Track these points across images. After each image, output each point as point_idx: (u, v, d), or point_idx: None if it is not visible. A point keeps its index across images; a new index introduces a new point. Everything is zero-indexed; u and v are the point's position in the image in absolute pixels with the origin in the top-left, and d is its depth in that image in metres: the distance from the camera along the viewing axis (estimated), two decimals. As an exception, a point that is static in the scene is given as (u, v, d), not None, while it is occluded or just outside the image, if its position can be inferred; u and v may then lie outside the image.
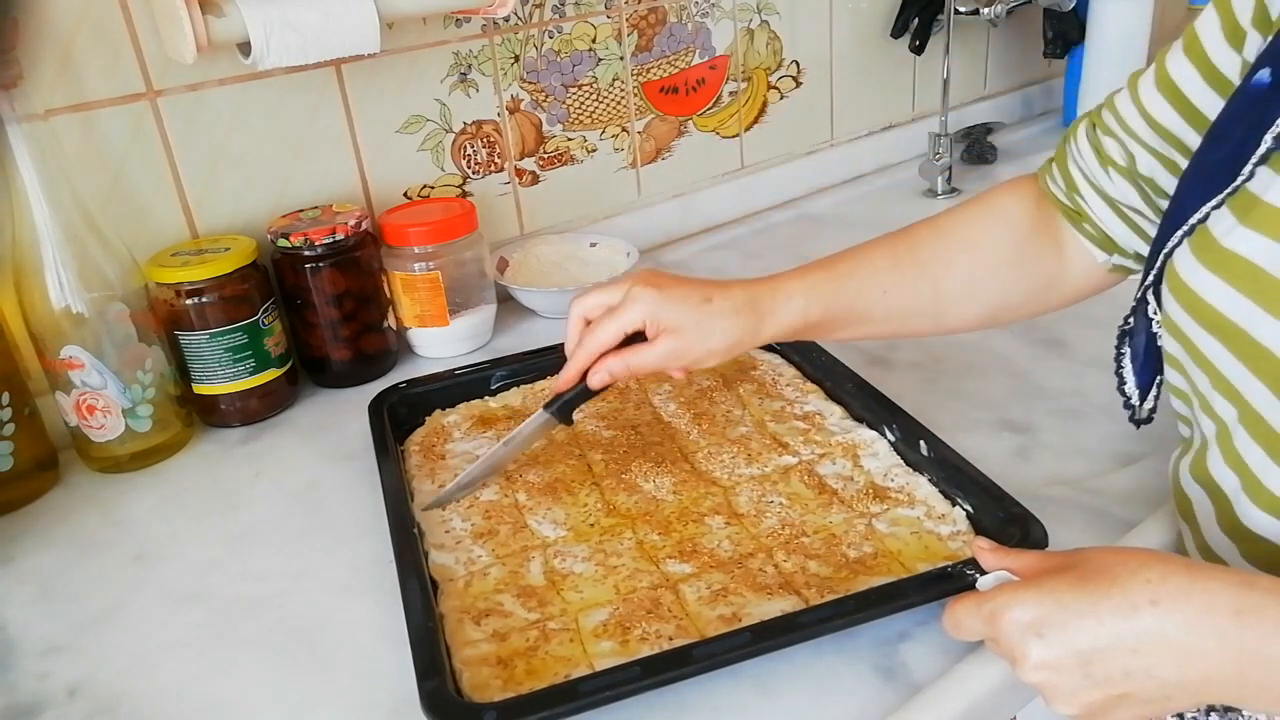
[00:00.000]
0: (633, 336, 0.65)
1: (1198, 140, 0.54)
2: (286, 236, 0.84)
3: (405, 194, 0.99)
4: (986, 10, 1.29)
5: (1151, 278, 0.55)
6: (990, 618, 0.47)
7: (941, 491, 0.66)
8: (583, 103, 1.09)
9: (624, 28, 1.09)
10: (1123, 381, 0.61)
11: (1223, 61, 0.53)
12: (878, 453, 0.70)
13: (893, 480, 0.68)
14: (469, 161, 1.03)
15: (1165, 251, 0.53)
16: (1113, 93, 0.62)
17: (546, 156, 1.08)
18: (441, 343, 0.94)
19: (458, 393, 0.83)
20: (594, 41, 1.07)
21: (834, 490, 0.67)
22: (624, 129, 1.13)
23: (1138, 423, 0.62)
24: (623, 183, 1.15)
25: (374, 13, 0.80)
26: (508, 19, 1.00)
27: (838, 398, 0.78)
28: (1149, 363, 0.58)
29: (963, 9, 1.28)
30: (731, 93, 1.21)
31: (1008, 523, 0.59)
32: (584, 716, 0.49)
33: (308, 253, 0.85)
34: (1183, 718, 0.55)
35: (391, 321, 0.93)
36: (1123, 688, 0.44)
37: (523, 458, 0.73)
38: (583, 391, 0.67)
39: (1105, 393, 0.70)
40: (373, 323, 0.90)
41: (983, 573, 0.53)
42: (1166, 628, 0.43)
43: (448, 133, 1.00)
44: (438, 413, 0.81)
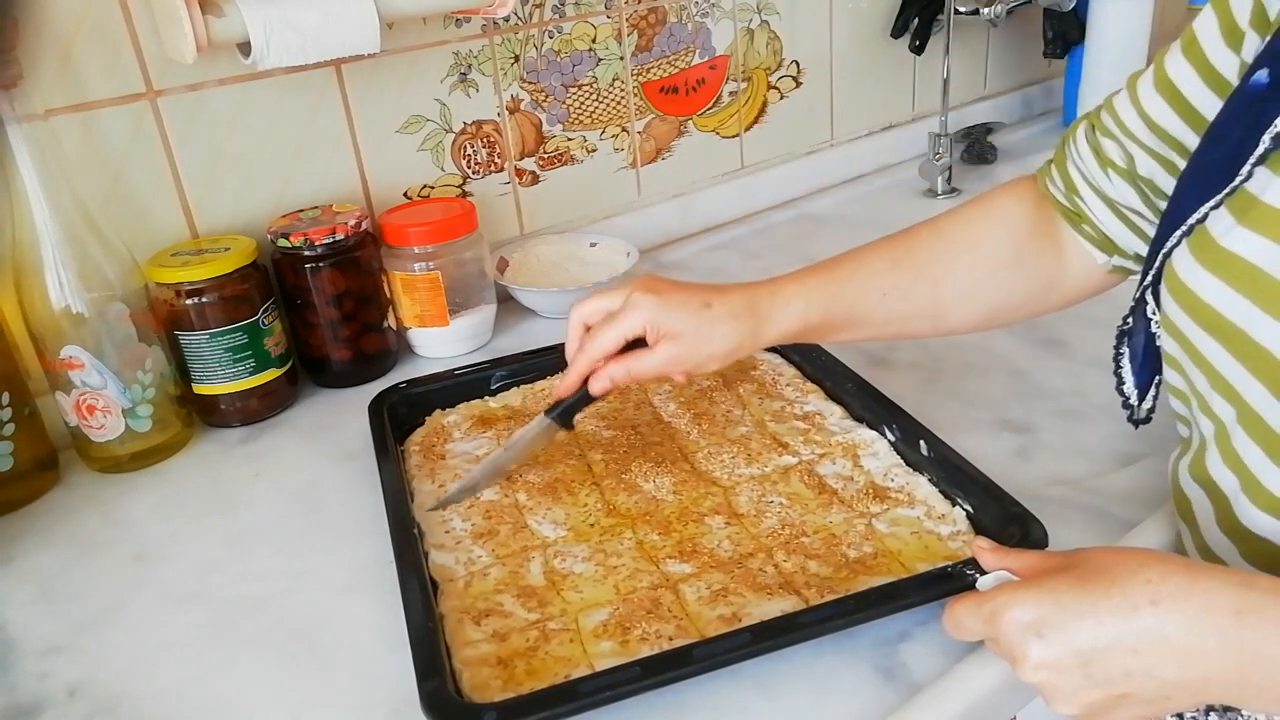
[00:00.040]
0: (633, 342, 0.65)
1: (1197, 141, 0.54)
2: (286, 236, 0.84)
3: (405, 194, 0.99)
4: (986, 10, 1.29)
5: (1150, 278, 0.55)
6: (990, 618, 0.47)
7: (941, 491, 0.66)
8: (583, 103, 1.09)
9: (624, 28, 1.09)
10: (1121, 381, 0.61)
11: (1221, 62, 0.53)
12: (878, 453, 0.70)
13: (893, 480, 0.68)
14: (469, 161, 1.03)
15: (1164, 252, 0.53)
16: (1111, 94, 0.62)
17: (546, 156, 1.08)
18: (441, 343, 0.94)
19: (458, 393, 0.83)
20: (594, 41, 1.07)
21: (834, 490, 0.67)
22: (624, 129, 1.13)
23: (1136, 423, 0.62)
24: (623, 183, 1.15)
25: (374, 13, 0.80)
26: (508, 19, 1.00)
27: (838, 398, 0.78)
28: (1147, 363, 0.58)
29: (963, 9, 1.28)
30: (731, 93, 1.21)
31: (1008, 523, 0.59)
32: (584, 717, 0.49)
33: (308, 253, 0.85)
34: (1182, 718, 0.55)
35: (391, 321, 0.93)
36: (1123, 688, 0.44)
37: (523, 458, 0.73)
38: (584, 397, 0.68)
39: (1105, 393, 0.70)
40: (373, 323, 0.90)
41: (983, 573, 0.53)
42: (1166, 628, 0.43)
43: (448, 133, 1.00)
44: (438, 413, 0.81)
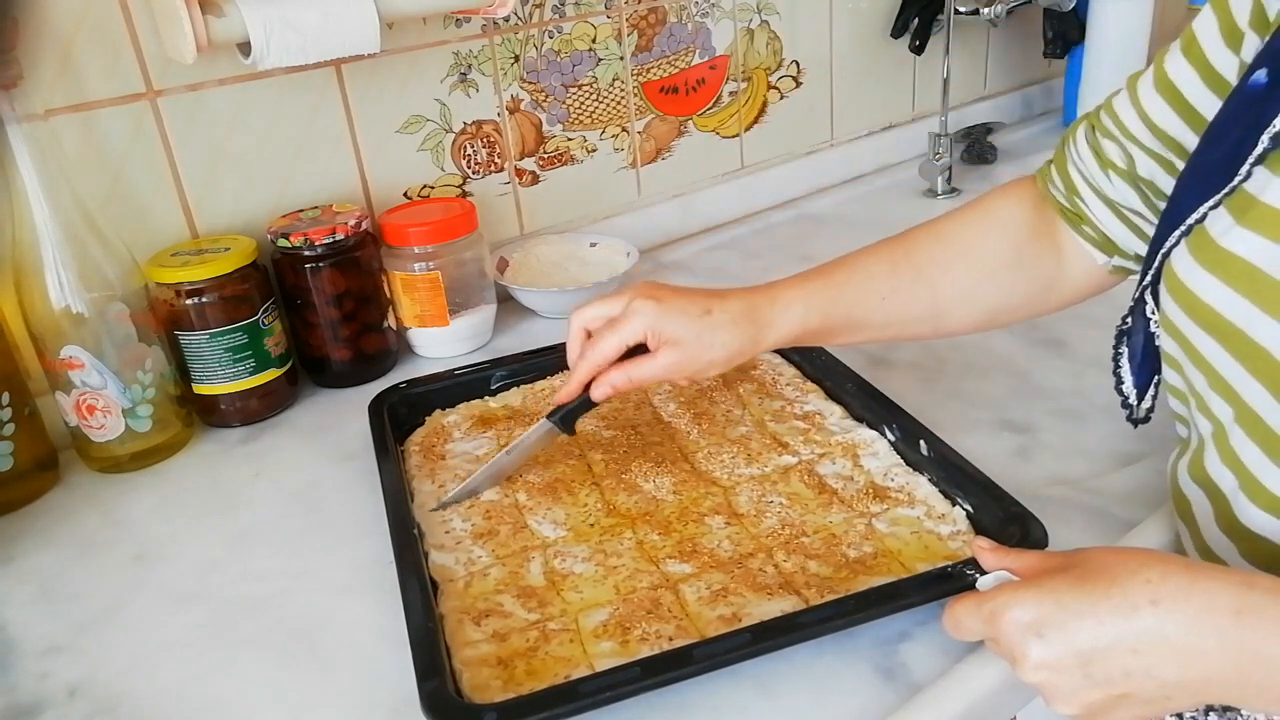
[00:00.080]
0: (634, 347, 0.66)
1: (1197, 142, 0.54)
2: (286, 236, 0.84)
3: (405, 194, 0.99)
4: (986, 10, 1.29)
5: (1149, 278, 0.55)
6: (990, 618, 0.47)
7: (941, 491, 0.66)
8: (583, 103, 1.09)
9: (624, 28, 1.09)
10: (1120, 381, 0.61)
11: (1221, 63, 0.53)
12: (878, 452, 0.70)
13: (893, 480, 0.68)
14: (469, 161, 1.03)
15: (1163, 252, 0.53)
16: (1111, 95, 0.62)
17: (546, 156, 1.08)
18: (441, 343, 0.94)
19: (458, 393, 0.83)
20: (594, 41, 1.07)
21: (834, 490, 0.67)
22: (624, 129, 1.13)
23: (1135, 422, 0.62)
24: (623, 183, 1.15)
25: (374, 13, 0.80)
26: (508, 19, 1.00)
27: (838, 397, 0.78)
28: (1146, 362, 0.58)
29: (963, 9, 1.28)
30: (731, 93, 1.21)
31: (1008, 522, 0.59)
32: (584, 717, 0.49)
33: (308, 253, 0.85)
34: (1182, 718, 0.55)
35: (391, 321, 0.93)
36: (1123, 688, 0.44)
37: (524, 461, 0.73)
38: (585, 402, 0.68)
39: (1105, 393, 0.70)
40: (373, 323, 0.90)
41: (983, 573, 0.53)
42: (1166, 628, 0.43)
43: (448, 133, 1.00)
44: (438, 413, 0.81)
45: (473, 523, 0.67)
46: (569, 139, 1.09)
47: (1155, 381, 0.59)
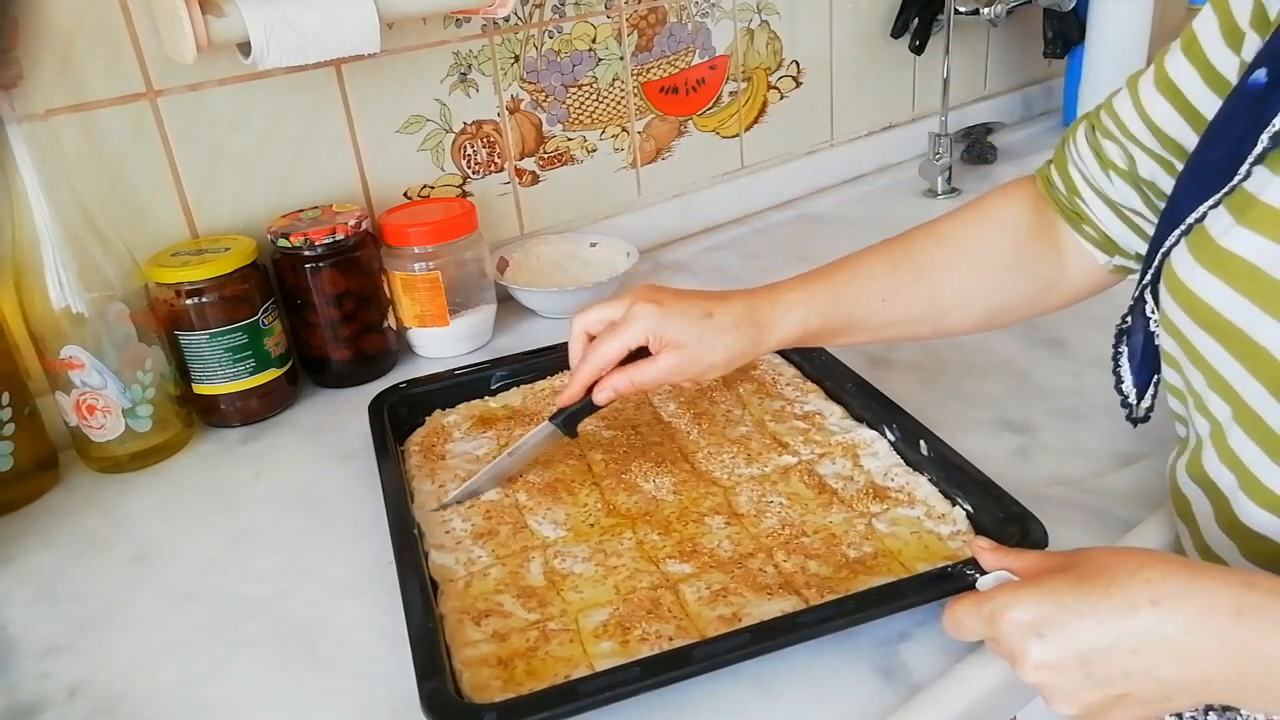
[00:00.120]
0: (636, 350, 0.66)
1: (1197, 142, 0.54)
2: (286, 236, 0.84)
3: (405, 194, 0.99)
4: (986, 10, 1.29)
5: (1149, 277, 0.55)
6: (990, 618, 0.47)
7: (941, 491, 0.66)
8: (583, 103, 1.09)
9: (624, 28, 1.09)
10: (1120, 380, 0.61)
11: (1221, 62, 0.53)
12: (878, 452, 0.70)
13: (893, 480, 0.68)
14: (469, 161, 1.03)
15: (1163, 251, 0.53)
16: (1111, 94, 0.62)
17: (546, 156, 1.08)
18: (441, 343, 0.94)
19: (458, 393, 0.83)
20: (594, 41, 1.07)
21: (834, 490, 0.67)
22: (624, 129, 1.13)
23: (1135, 421, 0.62)
24: (623, 183, 1.15)
25: (374, 13, 0.80)
26: (508, 19, 1.00)
27: (838, 397, 0.78)
28: (1146, 361, 0.58)
29: (963, 9, 1.28)
30: (731, 93, 1.21)
31: (1008, 522, 0.59)
32: (584, 717, 0.49)
33: (308, 253, 0.85)
34: (1182, 718, 0.55)
35: (391, 321, 0.93)
36: (1123, 688, 0.44)
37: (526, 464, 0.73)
38: (587, 406, 0.68)
39: (1105, 393, 0.70)
40: (373, 323, 0.90)
41: (983, 573, 0.53)
42: (1166, 628, 0.43)
43: (448, 133, 1.00)
44: (438, 413, 0.81)
45: (473, 523, 0.67)
46: (569, 139, 1.09)
47: (1155, 381, 0.59)
